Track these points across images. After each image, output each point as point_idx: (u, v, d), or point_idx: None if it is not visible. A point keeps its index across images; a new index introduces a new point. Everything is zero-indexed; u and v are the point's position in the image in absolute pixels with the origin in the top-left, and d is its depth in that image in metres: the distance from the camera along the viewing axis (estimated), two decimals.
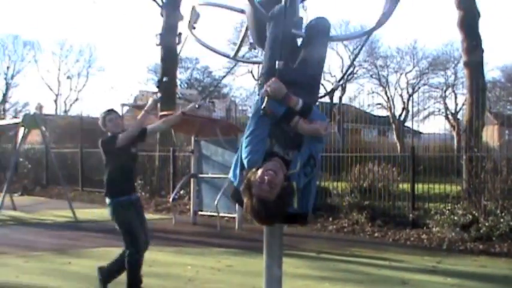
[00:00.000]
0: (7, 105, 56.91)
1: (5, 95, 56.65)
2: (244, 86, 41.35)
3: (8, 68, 56.33)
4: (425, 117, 37.96)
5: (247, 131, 3.74)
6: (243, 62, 4.45)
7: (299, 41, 4.30)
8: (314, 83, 4.01)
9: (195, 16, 4.37)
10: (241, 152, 3.73)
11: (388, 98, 44.55)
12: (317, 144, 3.63)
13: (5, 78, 56.45)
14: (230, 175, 3.84)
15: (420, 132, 24.08)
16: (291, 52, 4.10)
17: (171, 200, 15.06)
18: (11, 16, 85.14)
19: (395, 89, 45.52)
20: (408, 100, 42.90)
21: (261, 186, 3.42)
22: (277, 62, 3.74)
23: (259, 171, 3.47)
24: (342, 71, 47.49)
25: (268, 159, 3.58)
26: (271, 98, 3.60)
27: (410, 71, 45.13)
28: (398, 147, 21.43)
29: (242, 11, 4.45)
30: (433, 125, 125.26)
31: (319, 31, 4.13)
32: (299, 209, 3.58)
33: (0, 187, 16.92)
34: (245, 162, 3.65)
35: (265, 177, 3.43)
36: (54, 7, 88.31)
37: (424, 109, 39.35)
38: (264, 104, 3.60)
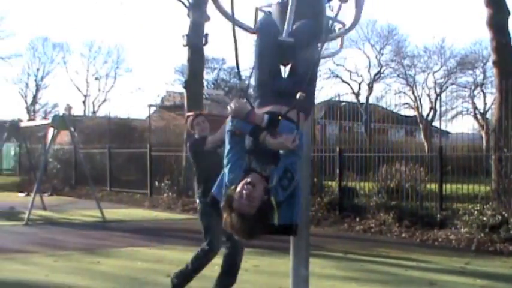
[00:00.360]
0: (37, 107, 57.79)
1: (34, 96, 57.46)
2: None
3: (37, 69, 57.11)
4: (453, 117, 37.62)
5: (225, 149, 3.80)
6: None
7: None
8: (306, 87, 3.89)
9: None
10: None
11: (415, 98, 44.26)
12: (291, 157, 3.59)
13: (35, 80, 57.24)
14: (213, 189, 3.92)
15: (448, 132, 23.89)
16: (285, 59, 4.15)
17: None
18: (40, 19, 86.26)
19: (423, 88, 45.23)
20: (436, 100, 42.56)
21: (240, 201, 3.45)
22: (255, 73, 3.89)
23: (238, 187, 3.50)
24: (368, 71, 47.22)
25: (246, 176, 3.59)
26: (235, 117, 3.64)
27: (438, 70, 44.82)
28: (426, 147, 21.24)
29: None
30: (462, 125, 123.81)
31: (304, 35, 4.08)
32: (281, 221, 3.57)
33: (30, 187, 17.13)
34: (226, 180, 3.71)
35: (244, 192, 3.45)
36: (83, 9, 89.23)
37: (452, 109, 39.03)
38: (230, 126, 3.68)
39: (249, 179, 3.52)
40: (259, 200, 3.46)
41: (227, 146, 3.78)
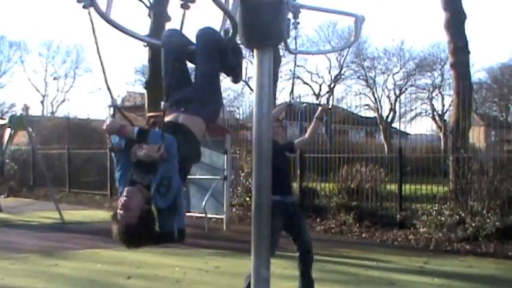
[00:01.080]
0: None
1: None
2: (232, 87, 41.36)
3: None
4: (412, 118, 37.99)
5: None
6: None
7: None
8: (205, 96, 4.12)
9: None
10: None
11: (375, 99, 44.68)
12: (166, 165, 3.66)
13: None
14: None
15: (407, 133, 24.11)
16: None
17: None
18: None
19: (383, 90, 45.67)
20: (395, 101, 43.02)
21: (119, 212, 3.63)
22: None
23: (119, 199, 3.70)
24: (329, 73, 47.56)
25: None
26: (110, 134, 3.81)
27: (398, 72, 45.31)
28: (386, 148, 21.49)
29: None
30: (420, 126, 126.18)
31: (202, 42, 4.22)
32: (165, 228, 3.68)
33: None
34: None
35: (120, 204, 3.65)
36: (41, 7, 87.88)
37: (411, 110, 39.43)
38: (108, 144, 3.93)
39: (125, 192, 3.70)
40: (138, 210, 3.59)
41: (114, 161, 3.99)
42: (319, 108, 7.26)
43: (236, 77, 4.73)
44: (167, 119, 4.06)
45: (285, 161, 7.25)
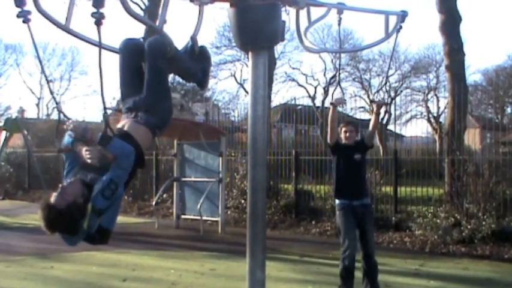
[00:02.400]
0: None
1: None
2: (227, 90, 41.43)
3: None
4: (407, 121, 38.08)
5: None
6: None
7: None
8: (151, 104, 4.19)
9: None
10: None
11: (370, 102, 44.67)
12: (118, 171, 3.76)
13: None
14: None
15: (402, 136, 24.23)
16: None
17: (154, 203, 15.01)
18: None
19: (378, 92, 45.68)
20: (390, 103, 43.03)
21: (55, 195, 3.68)
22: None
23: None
24: (324, 75, 47.57)
25: None
26: (75, 134, 3.94)
27: (393, 74, 45.32)
28: (381, 151, 21.48)
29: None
30: (416, 129, 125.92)
31: (148, 53, 4.29)
32: (91, 228, 3.76)
33: None
34: None
35: (59, 187, 3.74)
36: (36, 10, 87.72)
37: (407, 112, 39.47)
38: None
39: (68, 179, 3.86)
40: (72, 197, 3.67)
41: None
42: (375, 105, 7.46)
43: (200, 84, 4.77)
44: (118, 125, 4.22)
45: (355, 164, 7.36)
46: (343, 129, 7.44)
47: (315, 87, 48.03)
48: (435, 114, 41.99)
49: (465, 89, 13.75)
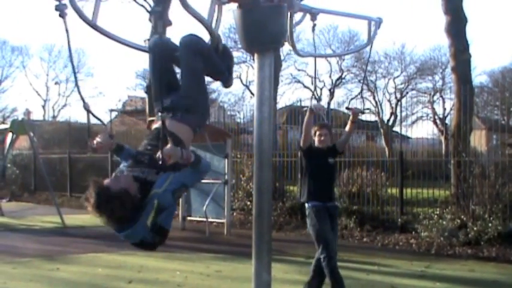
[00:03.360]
0: None
1: None
2: (232, 91, 41.39)
3: None
4: (413, 122, 37.96)
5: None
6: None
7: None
8: (191, 104, 4.19)
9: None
10: None
11: (376, 103, 44.59)
12: (193, 179, 4.08)
13: None
14: None
15: (408, 137, 24.17)
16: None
17: None
18: None
19: (384, 94, 45.60)
20: (396, 105, 42.95)
21: (110, 178, 3.89)
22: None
23: None
24: (330, 77, 47.54)
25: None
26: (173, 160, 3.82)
27: (398, 76, 45.22)
28: (387, 152, 21.46)
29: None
30: (421, 130, 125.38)
31: (184, 50, 4.27)
32: (158, 223, 3.77)
33: None
34: None
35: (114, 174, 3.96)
36: (43, 12, 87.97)
37: (412, 114, 39.38)
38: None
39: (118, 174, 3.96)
40: (126, 185, 3.74)
41: None
42: (351, 112, 7.36)
43: (226, 82, 4.76)
44: (155, 125, 4.23)
45: (329, 167, 7.34)
46: (318, 132, 7.34)
47: (321, 89, 47.97)
48: (441, 116, 41.90)
49: (471, 90, 13.71)
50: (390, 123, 42.10)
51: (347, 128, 7.32)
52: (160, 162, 3.72)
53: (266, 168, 4.48)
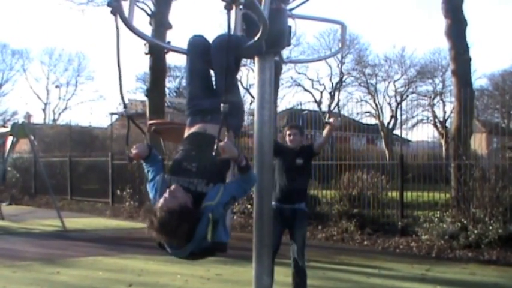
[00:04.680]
0: None
1: None
2: None
3: None
4: (413, 125, 37.99)
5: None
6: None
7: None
8: (233, 105, 3.96)
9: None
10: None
11: (376, 106, 44.64)
12: (241, 191, 3.94)
13: None
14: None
15: (409, 140, 24.11)
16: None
17: None
18: None
19: (384, 97, 45.64)
20: (396, 108, 43.00)
21: (165, 199, 3.65)
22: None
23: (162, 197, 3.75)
24: (330, 80, 47.58)
25: None
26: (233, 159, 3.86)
27: (399, 79, 45.31)
28: (387, 155, 21.43)
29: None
30: (422, 133, 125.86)
31: (221, 50, 4.14)
32: (215, 238, 3.72)
33: None
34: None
35: (168, 192, 3.70)
36: (43, 16, 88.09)
37: (413, 117, 39.43)
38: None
39: (171, 188, 3.75)
40: (183, 199, 3.63)
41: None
42: (333, 118, 7.33)
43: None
44: (193, 129, 4.15)
45: (294, 168, 7.26)
46: (287, 132, 7.37)
47: (321, 92, 48.05)
48: (441, 119, 41.95)
49: (471, 93, 13.72)
50: (390, 126, 42.16)
51: (326, 132, 7.18)
52: (213, 153, 3.65)
53: (266, 171, 4.49)
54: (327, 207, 14.42)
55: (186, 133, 4.24)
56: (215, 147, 3.64)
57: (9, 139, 16.74)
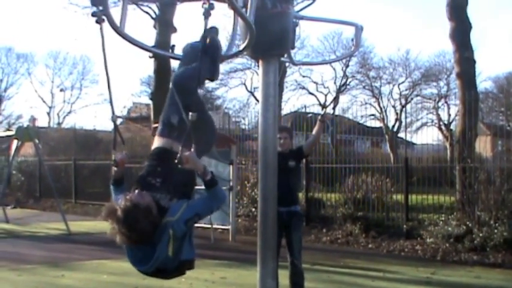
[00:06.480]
0: (0, 118, 56.74)
1: None
2: (237, 98, 41.51)
3: (1, 80, 56.21)
4: (418, 128, 37.97)
5: None
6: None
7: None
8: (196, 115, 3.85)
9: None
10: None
11: (381, 109, 44.54)
12: (207, 210, 3.95)
13: None
14: None
15: (413, 143, 24.12)
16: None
17: None
18: (4, 29, 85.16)
19: (388, 100, 45.52)
20: (401, 111, 42.87)
21: (131, 196, 3.68)
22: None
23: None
24: (334, 83, 47.52)
25: None
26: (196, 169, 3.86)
27: (403, 82, 45.17)
28: (392, 158, 21.46)
29: None
30: (426, 136, 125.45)
31: (177, 90, 4.18)
32: (181, 256, 3.76)
33: None
34: None
35: (135, 191, 3.75)
36: (48, 19, 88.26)
37: (417, 120, 39.42)
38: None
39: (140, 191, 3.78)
40: (149, 201, 3.66)
41: None
42: (326, 118, 7.30)
43: (211, 78, 4.54)
44: (160, 143, 4.14)
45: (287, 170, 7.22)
46: (277, 135, 7.34)
47: (325, 95, 47.92)
48: (446, 122, 41.79)
49: (476, 96, 13.70)
50: (395, 129, 42.04)
51: (314, 131, 7.21)
52: (176, 161, 3.67)
53: (271, 175, 4.49)
54: (331, 211, 14.40)
55: (154, 142, 4.21)
56: (178, 155, 3.68)
57: (14, 142, 16.78)
